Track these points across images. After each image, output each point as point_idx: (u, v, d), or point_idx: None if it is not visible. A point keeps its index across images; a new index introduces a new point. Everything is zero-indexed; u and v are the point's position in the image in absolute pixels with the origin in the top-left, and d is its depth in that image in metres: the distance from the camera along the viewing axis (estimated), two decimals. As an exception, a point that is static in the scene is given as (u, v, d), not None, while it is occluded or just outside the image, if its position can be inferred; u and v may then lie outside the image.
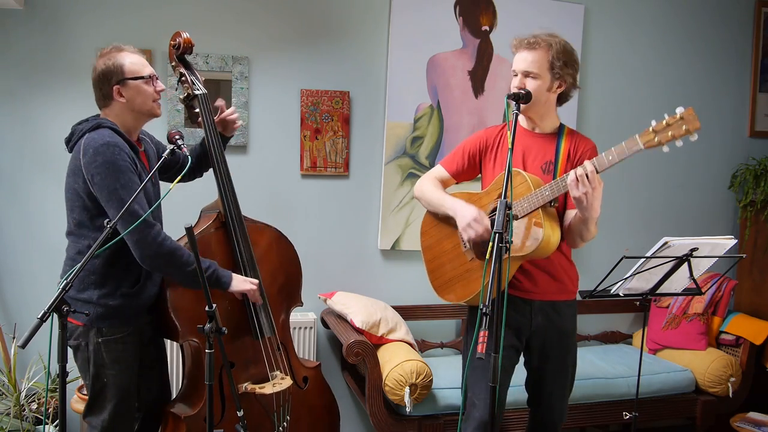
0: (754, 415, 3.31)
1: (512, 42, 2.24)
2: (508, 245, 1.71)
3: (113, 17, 2.95)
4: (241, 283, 2.22)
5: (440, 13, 3.34)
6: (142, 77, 2.07)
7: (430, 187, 2.40)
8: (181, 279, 2.11)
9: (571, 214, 2.19)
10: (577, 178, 1.99)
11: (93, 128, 2.03)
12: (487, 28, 3.42)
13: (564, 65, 2.15)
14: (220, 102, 2.42)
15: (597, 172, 2.00)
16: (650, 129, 1.94)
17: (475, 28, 3.40)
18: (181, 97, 2.36)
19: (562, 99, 2.26)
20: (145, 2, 2.99)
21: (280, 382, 2.37)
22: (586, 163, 2.01)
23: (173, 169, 2.39)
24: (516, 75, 2.18)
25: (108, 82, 2.05)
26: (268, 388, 2.33)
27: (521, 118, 2.28)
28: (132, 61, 2.07)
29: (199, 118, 2.32)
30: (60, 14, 2.91)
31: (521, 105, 2.12)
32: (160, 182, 2.32)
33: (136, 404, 2.23)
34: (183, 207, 2.44)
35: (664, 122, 1.92)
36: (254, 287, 2.25)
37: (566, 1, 3.51)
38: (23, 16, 2.87)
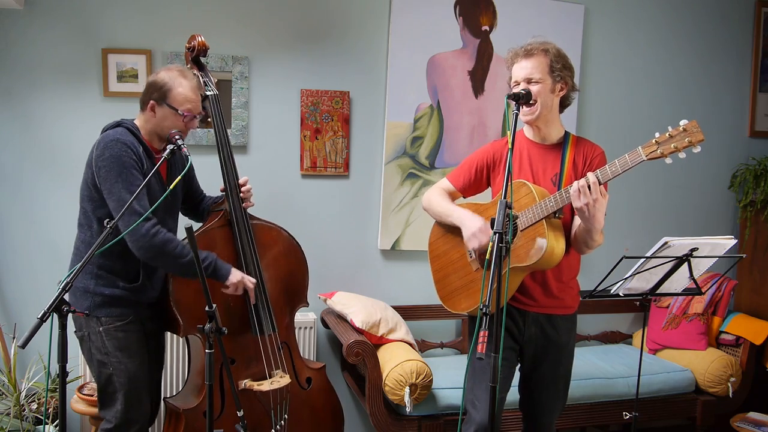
0: (754, 415, 3.31)
1: (507, 57, 2.25)
2: (508, 245, 1.71)
3: (113, 17, 2.95)
4: (237, 277, 2.26)
5: (440, 13, 3.34)
6: (176, 110, 2.15)
7: (437, 198, 2.42)
8: (176, 270, 2.17)
9: (578, 222, 2.19)
10: (579, 189, 1.99)
11: (113, 126, 2.16)
12: (487, 28, 3.42)
13: (563, 67, 2.18)
14: (243, 179, 2.49)
15: (600, 184, 1.99)
16: (653, 141, 1.93)
17: (475, 28, 3.40)
18: None
19: (563, 103, 2.27)
20: (145, 3, 2.99)
21: (278, 380, 2.38)
22: (589, 174, 2.00)
23: (193, 203, 2.53)
24: (517, 85, 2.18)
25: (150, 94, 2.16)
26: (265, 385, 2.35)
27: (528, 130, 2.30)
28: (181, 92, 2.15)
29: (209, 118, 2.42)
30: (60, 14, 2.90)
31: (522, 106, 2.13)
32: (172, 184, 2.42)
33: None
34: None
35: (667, 134, 1.92)
36: (238, 281, 2.26)
37: (566, 1, 3.51)
38: (23, 16, 2.87)
